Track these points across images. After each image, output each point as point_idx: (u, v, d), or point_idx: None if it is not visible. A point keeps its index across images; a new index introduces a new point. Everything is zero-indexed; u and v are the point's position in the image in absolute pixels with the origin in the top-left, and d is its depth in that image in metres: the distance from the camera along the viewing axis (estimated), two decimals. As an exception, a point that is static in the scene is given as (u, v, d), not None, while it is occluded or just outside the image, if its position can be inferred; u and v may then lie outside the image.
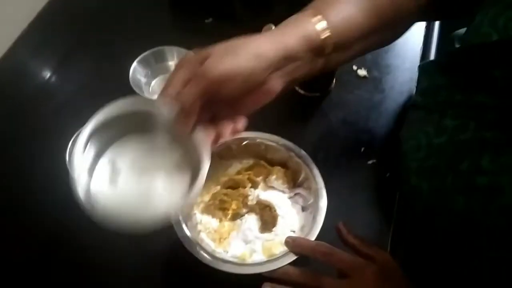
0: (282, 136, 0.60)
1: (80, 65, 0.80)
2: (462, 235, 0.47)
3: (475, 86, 0.48)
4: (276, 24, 0.61)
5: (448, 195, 0.48)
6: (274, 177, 0.59)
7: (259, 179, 0.60)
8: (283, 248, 0.51)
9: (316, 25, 0.44)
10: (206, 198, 0.59)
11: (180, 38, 0.78)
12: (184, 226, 0.53)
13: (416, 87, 0.73)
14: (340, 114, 0.71)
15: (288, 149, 0.58)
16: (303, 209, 0.57)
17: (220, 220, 0.57)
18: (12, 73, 0.79)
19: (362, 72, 0.75)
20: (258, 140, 0.59)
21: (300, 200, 0.57)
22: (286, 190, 0.58)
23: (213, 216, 0.58)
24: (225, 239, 0.56)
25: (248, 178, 0.59)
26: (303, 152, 0.57)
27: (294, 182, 0.59)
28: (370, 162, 0.65)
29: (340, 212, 0.53)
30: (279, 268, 0.48)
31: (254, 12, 0.84)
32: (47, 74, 0.78)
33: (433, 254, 0.56)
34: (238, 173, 0.60)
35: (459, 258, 0.50)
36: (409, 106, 0.65)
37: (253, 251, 0.54)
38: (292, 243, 0.49)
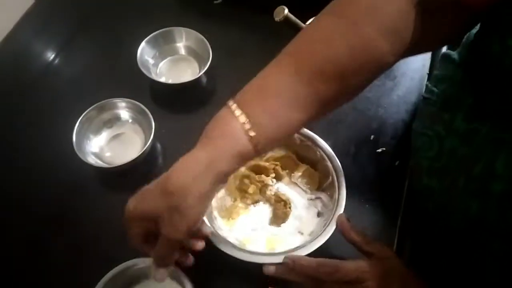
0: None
1: (87, 44, 0.77)
2: (473, 234, 0.47)
3: (489, 89, 0.47)
4: (288, 6, 0.61)
5: (460, 197, 0.48)
6: (299, 174, 0.59)
7: (285, 172, 0.60)
8: (285, 246, 0.52)
9: (247, 138, 0.41)
10: None
11: (189, 19, 0.77)
12: None
13: (431, 74, 0.72)
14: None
15: (322, 151, 0.57)
16: (319, 214, 0.57)
17: (235, 200, 0.58)
18: (17, 53, 0.76)
19: (373, 58, 0.74)
20: (295, 135, 0.59)
21: (319, 205, 0.57)
22: (308, 191, 0.59)
23: (230, 194, 0.58)
24: (233, 219, 0.57)
25: (274, 168, 0.59)
26: (336, 159, 0.56)
27: (319, 185, 0.59)
28: (379, 150, 0.65)
29: (348, 199, 0.54)
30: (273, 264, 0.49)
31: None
32: (54, 52, 0.76)
33: (439, 246, 0.55)
34: (267, 160, 0.60)
35: (465, 252, 0.49)
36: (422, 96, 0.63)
37: (256, 240, 0.55)
38: (292, 265, 0.47)
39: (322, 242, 0.50)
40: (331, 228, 0.51)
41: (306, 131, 0.59)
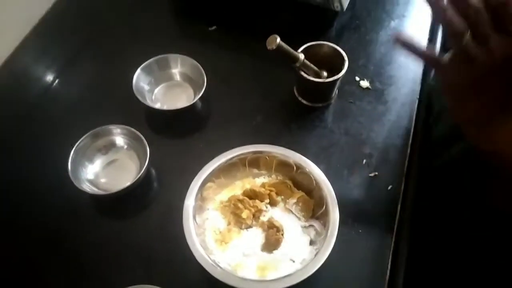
0: (283, 146, 0.61)
1: (82, 71, 0.79)
2: None
3: None
4: (280, 35, 0.62)
5: None
6: (294, 201, 0.60)
7: (279, 198, 0.61)
8: (276, 274, 0.53)
9: None
10: (225, 198, 0.60)
11: (184, 45, 0.78)
12: (191, 218, 0.54)
13: (421, 100, 0.73)
14: (342, 125, 0.71)
15: (317, 179, 0.58)
16: (311, 242, 0.57)
17: (228, 224, 0.59)
18: (16, 77, 0.78)
19: (364, 83, 0.75)
20: (291, 161, 0.60)
21: (312, 234, 0.58)
22: (302, 218, 0.59)
23: (224, 217, 0.59)
24: (226, 243, 0.57)
25: (269, 194, 0.60)
26: (330, 188, 0.57)
27: (313, 213, 0.59)
28: (372, 174, 0.65)
29: (341, 224, 0.54)
30: None
31: (258, 20, 0.85)
32: (50, 79, 0.77)
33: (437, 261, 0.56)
34: (262, 185, 0.61)
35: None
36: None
37: (247, 266, 0.55)
38: None
39: (313, 270, 0.50)
40: (323, 257, 0.51)
41: (302, 157, 0.60)
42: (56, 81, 0.77)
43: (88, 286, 0.57)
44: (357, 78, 0.76)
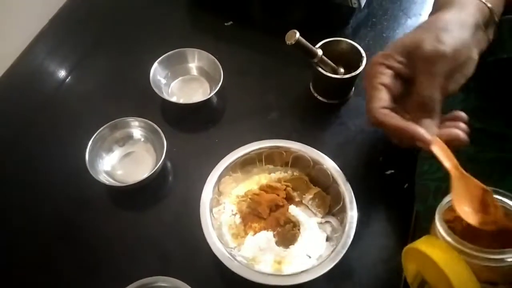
0: (298, 142, 0.60)
1: (100, 64, 0.79)
2: None
3: (493, 112, 0.48)
4: (299, 30, 0.62)
5: None
6: (310, 197, 0.59)
7: (296, 194, 0.60)
8: (292, 269, 0.53)
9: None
10: (241, 193, 0.60)
11: (200, 40, 0.78)
12: (208, 210, 0.54)
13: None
14: (358, 122, 0.70)
15: (335, 175, 0.58)
16: (328, 239, 0.57)
17: (245, 218, 0.58)
18: (31, 71, 0.78)
19: (381, 80, 0.74)
20: (308, 156, 0.60)
21: (329, 230, 0.57)
22: (319, 214, 0.59)
23: (240, 211, 0.59)
24: (242, 237, 0.57)
25: (285, 189, 0.59)
26: (348, 184, 0.57)
27: (329, 209, 0.59)
28: (388, 172, 0.65)
29: (357, 221, 0.54)
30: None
31: (274, 16, 0.85)
32: (67, 71, 0.78)
33: None
34: (279, 180, 0.61)
35: None
36: None
37: (263, 260, 0.55)
38: None
39: (329, 267, 0.50)
40: (340, 253, 0.51)
41: (319, 153, 0.59)
42: (73, 73, 0.78)
43: (103, 278, 0.57)
44: (374, 76, 0.75)
